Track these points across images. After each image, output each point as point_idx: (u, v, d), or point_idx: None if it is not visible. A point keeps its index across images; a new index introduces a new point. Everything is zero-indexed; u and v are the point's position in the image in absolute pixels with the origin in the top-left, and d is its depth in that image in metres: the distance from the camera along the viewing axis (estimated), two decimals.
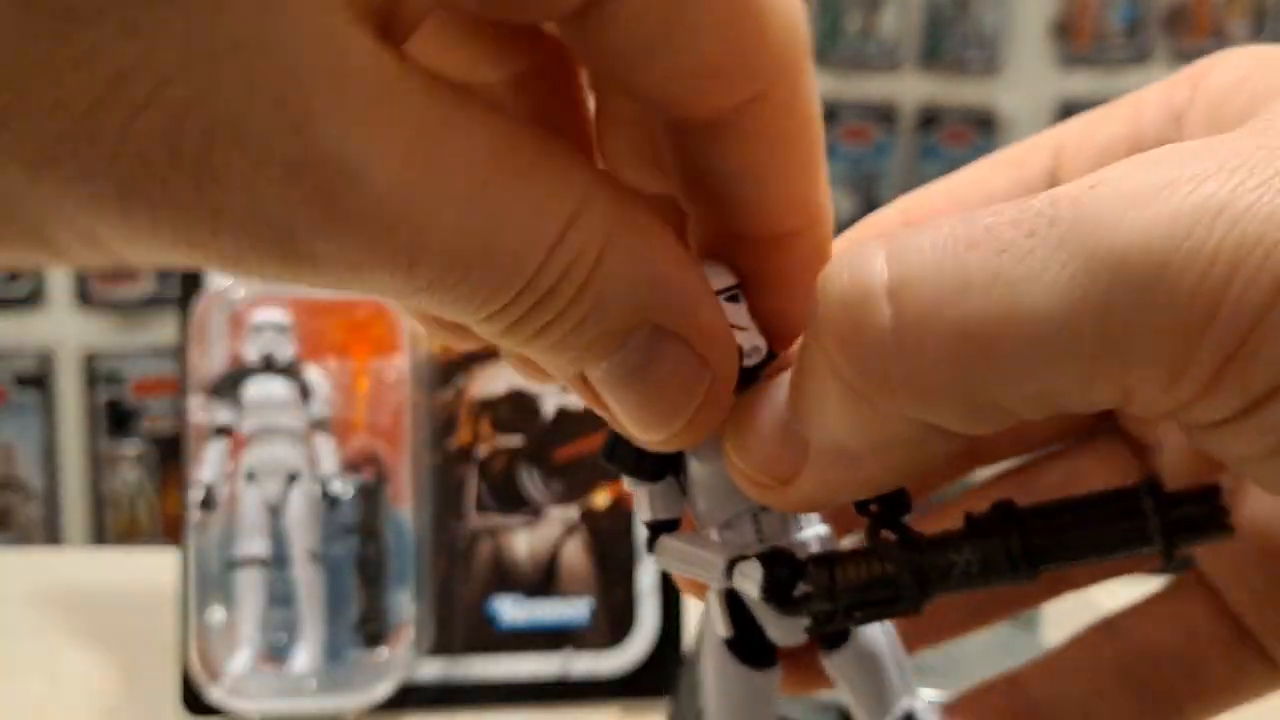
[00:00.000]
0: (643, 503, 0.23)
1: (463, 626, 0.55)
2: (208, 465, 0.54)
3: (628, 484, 0.23)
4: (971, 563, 0.19)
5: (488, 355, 0.55)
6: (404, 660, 0.53)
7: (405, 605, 0.54)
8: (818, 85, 0.20)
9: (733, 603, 0.23)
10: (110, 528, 1.60)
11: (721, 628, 0.23)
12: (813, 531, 0.23)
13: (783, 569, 0.21)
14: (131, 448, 1.61)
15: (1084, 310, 0.16)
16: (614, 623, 0.56)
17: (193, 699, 0.53)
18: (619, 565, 0.56)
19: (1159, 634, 0.25)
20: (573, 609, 0.56)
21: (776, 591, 0.21)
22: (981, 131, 1.92)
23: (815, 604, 0.21)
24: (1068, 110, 1.86)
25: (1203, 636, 0.24)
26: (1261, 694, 0.24)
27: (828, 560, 0.21)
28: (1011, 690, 0.26)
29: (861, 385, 0.18)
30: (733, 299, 0.21)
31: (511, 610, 0.56)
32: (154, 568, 0.64)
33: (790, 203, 0.21)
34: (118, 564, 0.83)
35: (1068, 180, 0.19)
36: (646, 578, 0.56)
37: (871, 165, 1.88)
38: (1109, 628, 0.26)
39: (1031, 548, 0.19)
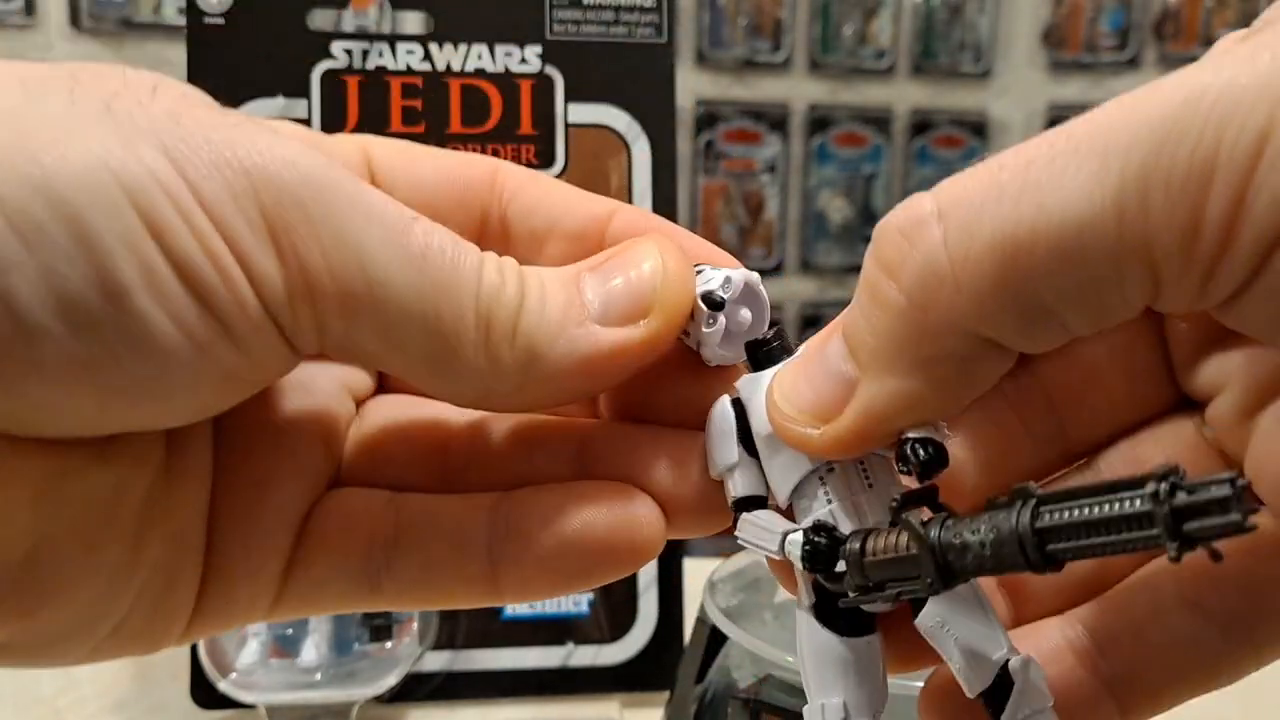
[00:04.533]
0: (728, 483, 0.24)
1: (467, 619, 0.57)
2: None
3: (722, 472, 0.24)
4: (985, 543, 0.19)
5: None
6: (410, 652, 0.54)
7: None
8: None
9: None
10: None
11: (805, 596, 0.23)
12: (881, 493, 0.23)
13: (821, 541, 0.22)
14: None
15: (1104, 198, 0.18)
16: (614, 616, 0.57)
17: (202, 691, 0.54)
18: None
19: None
20: (574, 602, 0.57)
21: (815, 564, 0.22)
22: (974, 136, 1.93)
23: (851, 578, 0.21)
24: (1058, 115, 1.88)
25: (1265, 555, 0.23)
26: None
27: (864, 535, 0.21)
28: (1068, 624, 0.25)
29: (919, 297, 0.20)
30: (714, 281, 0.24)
31: (514, 603, 0.57)
32: None
33: (584, 199, 0.26)
34: None
35: None
36: (646, 573, 0.57)
37: (866, 169, 1.89)
38: (1163, 559, 0.24)
39: (1039, 527, 0.18)
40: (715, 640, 0.45)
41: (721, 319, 0.24)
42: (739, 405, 0.24)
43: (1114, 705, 0.24)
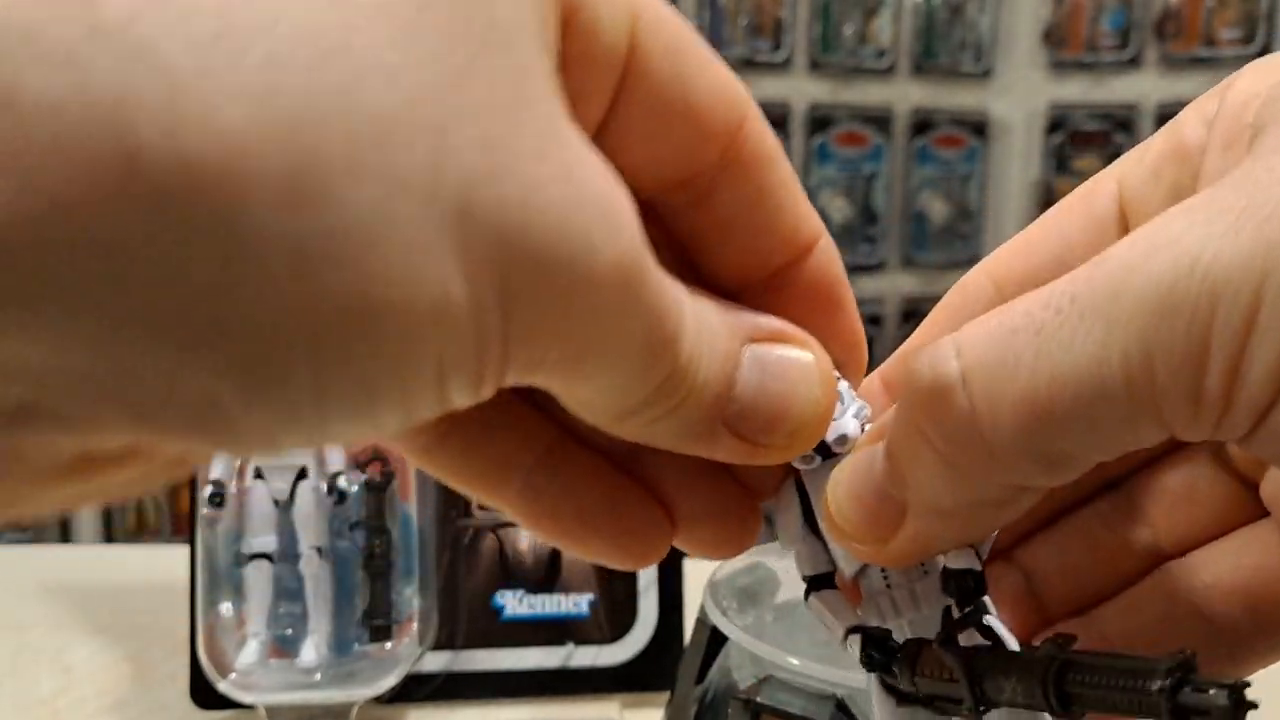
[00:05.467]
0: (799, 559, 0.26)
1: (467, 620, 0.57)
2: (218, 462, 0.55)
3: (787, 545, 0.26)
4: (1017, 691, 0.21)
5: None
6: (409, 653, 0.54)
7: (411, 599, 0.55)
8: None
9: None
10: (120, 525, 1.61)
11: None
12: (934, 580, 0.25)
13: (875, 651, 0.24)
14: None
15: (1110, 364, 0.20)
16: (615, 617, 0.57)
17: (202, 691, 0.54)
18: None
19: (1225, 571, 0.26)
20: (574, 603, 0.57)
21: (872, 668, 0.24)
22: (975, 136, 1.93)
23: (902, 685, 0.24)
24: (1059, 115, 1.88)
25: (1271, 579, 0.26)
26: None
27: (915, 649, 0.24)
28: (1085, 626, 0.27)
29: (955, 458, 0.21)
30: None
31: (515, 604, 0.57)
32: (164, 563, 0.65)
33: (803, 213, 0.24)
34: (128, 560, 0.84)
35: (1132, 202, 0.25)
36: (646, 573, 0.57)
37: (866, 169, 1.89)
38: (1178, 568, 0.27)
39: (1062, 693, 0.21)
40: (715, 641, 0.45)
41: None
42: (804, 489, 0.25)
43: None
